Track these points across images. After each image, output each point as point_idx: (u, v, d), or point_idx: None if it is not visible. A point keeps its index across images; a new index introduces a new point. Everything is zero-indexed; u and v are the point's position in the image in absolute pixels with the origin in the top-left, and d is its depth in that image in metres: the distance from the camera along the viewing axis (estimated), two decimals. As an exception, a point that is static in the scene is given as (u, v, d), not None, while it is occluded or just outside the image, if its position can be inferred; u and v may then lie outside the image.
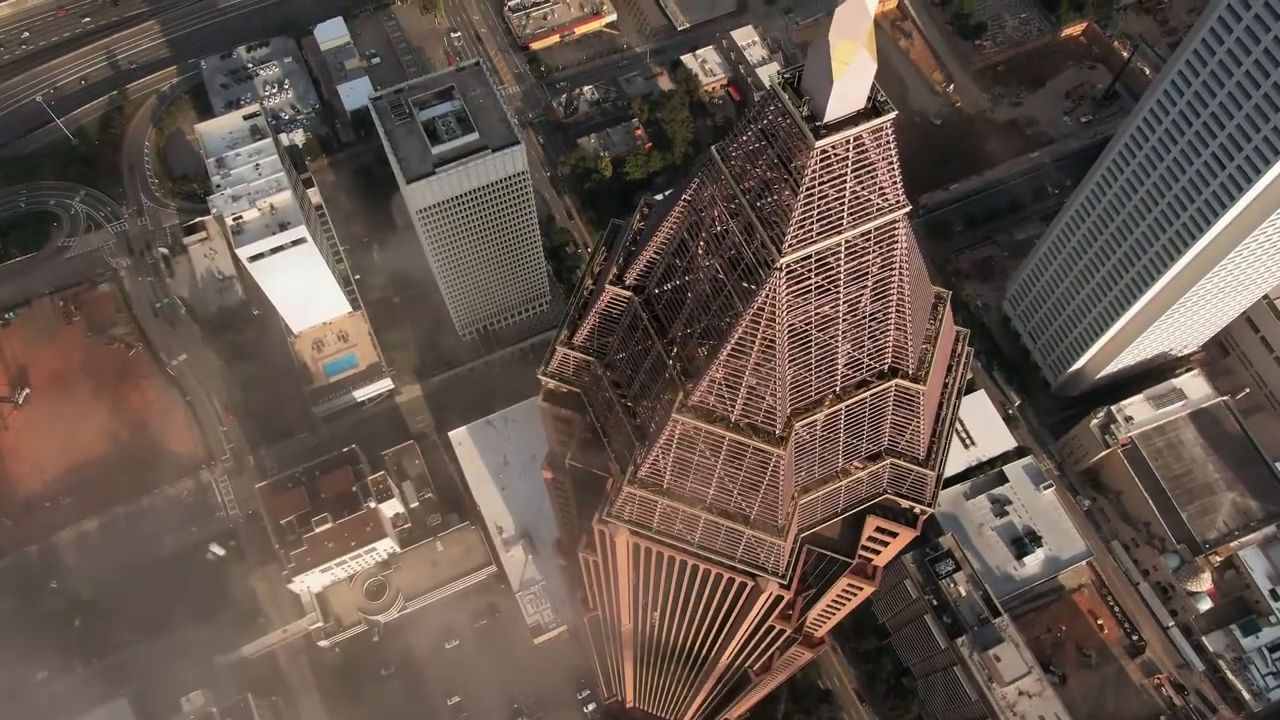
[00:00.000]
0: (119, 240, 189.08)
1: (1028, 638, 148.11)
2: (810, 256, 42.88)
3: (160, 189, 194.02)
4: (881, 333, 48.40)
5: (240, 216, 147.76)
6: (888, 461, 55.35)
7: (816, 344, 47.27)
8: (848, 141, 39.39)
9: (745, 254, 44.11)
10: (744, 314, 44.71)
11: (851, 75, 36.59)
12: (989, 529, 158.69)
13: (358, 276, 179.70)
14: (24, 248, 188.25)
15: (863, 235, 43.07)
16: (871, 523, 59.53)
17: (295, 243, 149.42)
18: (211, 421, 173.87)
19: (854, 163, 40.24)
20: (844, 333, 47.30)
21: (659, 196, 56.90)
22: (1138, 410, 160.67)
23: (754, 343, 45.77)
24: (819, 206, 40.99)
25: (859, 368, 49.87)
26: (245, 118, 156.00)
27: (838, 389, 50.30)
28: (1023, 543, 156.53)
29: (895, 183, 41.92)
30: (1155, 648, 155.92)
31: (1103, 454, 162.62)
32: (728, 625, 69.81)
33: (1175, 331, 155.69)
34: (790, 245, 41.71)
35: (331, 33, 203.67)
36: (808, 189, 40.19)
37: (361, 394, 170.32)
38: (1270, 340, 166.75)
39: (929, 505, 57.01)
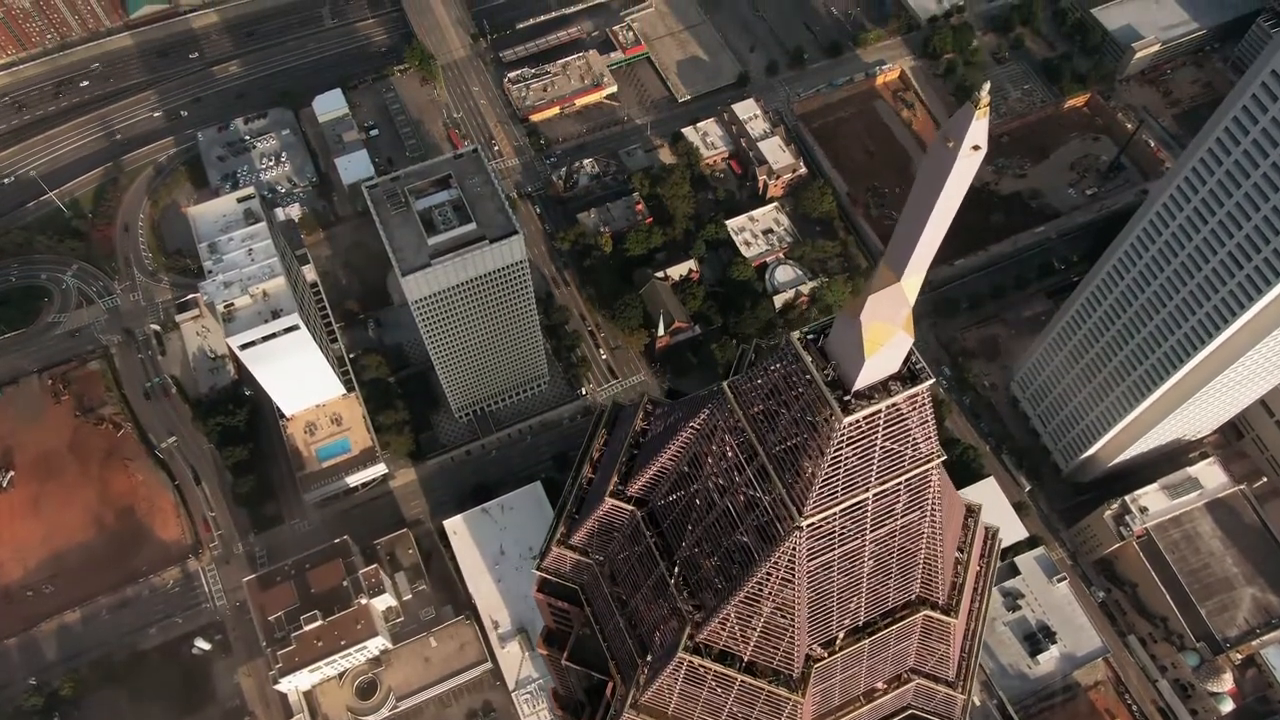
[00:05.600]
0: (110, 316, 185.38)
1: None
2: (834, 513, 38.77)
3: (154, 263, 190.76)
4: (910, 567, 44.11)
5: (232, 303, 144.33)
6: (915, 682, 50.81)
7: (839, 584, 42.99)
8: (879, 411, 35.43)
9: (762, 504, 40.00)
10: (760, 564, 40.50)
11: (885, 353, 32.68)
12: (1001, 624, 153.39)
13: (352, 355, 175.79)
14: (13, 323, 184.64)
15: (892, 487, 39.02)
16: (895, 731, 54.88)
17: (288, 330, 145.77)
18: (200, 507, 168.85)
19: (885, 425, 36.23)
20: (869, 571, 42.99)
21: (660, 400, 52.51)
22: (1152, 500, 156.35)
23: (769, 588, 41.53)
24: (845, 469, 36.95)
25: (885, 601, 45.55)
26: (239, 200, 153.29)
27: (861, 622, 45.96)
28: (1036, 639, 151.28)
29: (929, 436, 37.91)
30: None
31: (1117, 545, 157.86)
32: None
33: (1192, 420, 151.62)
34: (813, 509, 37.61)
35: (329, 104, 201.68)
36: (833, 456, 36.14)
37: (355, 479, 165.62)
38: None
39: (958, 724, 52.39)
